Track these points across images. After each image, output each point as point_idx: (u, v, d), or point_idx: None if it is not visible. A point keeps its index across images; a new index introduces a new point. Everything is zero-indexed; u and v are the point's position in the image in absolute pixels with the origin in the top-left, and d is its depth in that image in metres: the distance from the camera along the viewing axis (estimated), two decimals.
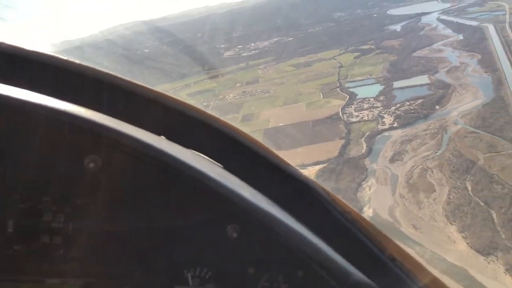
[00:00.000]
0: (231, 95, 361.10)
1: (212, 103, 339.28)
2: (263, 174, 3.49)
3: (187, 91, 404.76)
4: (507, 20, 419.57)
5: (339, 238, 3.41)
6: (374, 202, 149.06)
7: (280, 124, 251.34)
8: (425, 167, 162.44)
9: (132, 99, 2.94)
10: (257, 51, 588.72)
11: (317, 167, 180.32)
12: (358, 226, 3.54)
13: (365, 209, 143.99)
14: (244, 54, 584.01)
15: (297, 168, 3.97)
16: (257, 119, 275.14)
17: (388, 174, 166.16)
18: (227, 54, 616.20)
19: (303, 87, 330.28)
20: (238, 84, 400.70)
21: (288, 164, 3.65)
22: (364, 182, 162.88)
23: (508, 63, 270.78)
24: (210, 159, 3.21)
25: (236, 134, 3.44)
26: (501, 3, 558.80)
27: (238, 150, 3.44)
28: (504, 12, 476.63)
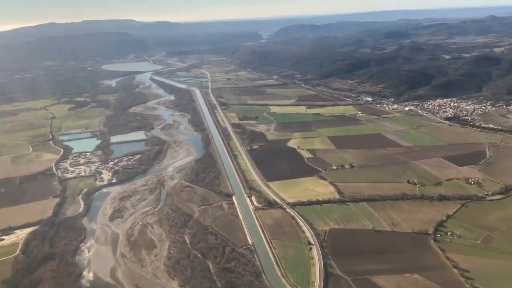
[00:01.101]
0: None
1: None
2: None
3: None
4: (210, 86, 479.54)
5: None
6: (95, 265, 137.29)
7: None
8: (146, 223, 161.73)
9: None
10: None
11: (27, 230, 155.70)
12: None
13: (85, 273, 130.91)
14: None
15: None
16: None
17: (109, 233, 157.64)
18: None
19: (8, 139, 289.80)
20: None
21: None
22: (83, 243, 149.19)
23: (213, 123, 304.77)
24: None
25: None
26: (203, 71, 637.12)
27: None
28: (206, 79, 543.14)
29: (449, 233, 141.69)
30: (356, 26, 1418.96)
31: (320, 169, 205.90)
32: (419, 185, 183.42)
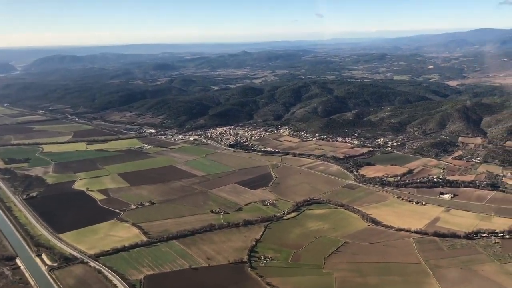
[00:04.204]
0: None
1: None
2: None
3: None
4: None
5: None
6: None
7: None
8: None
9: None
10: None
11: None
12: None
13: None
14: None
15: None
16: None
17: None
18: None
19: None
20: None
21: None
22: None
23: None
24: None
25: None
26: None
27: None
28: None
29: (262, 258, 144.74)
30: (120, 58, 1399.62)
31: (117, 210, 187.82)
32: (222, 213, 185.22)
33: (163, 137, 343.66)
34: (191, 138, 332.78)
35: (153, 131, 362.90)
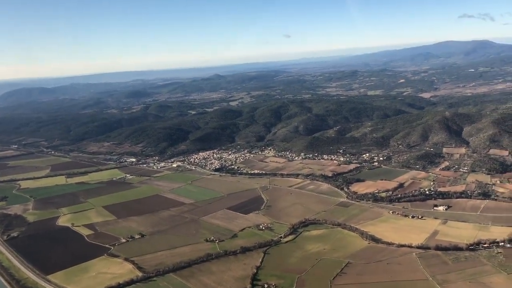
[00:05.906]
0: None
1: None
2: None
3: None
4: None
5: None
6: None
7: None
8: None
9: None
10: None
11: None
12: None
13: None
14: None
15: None
16: None
17: None
18: None
19: None
20: None
21: None
22: None
23: None
24: None
25: None
26: None
27: None
28: None
29: (265, 286, 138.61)
30: (90, 87, 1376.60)
31: (107, 245, 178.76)
32: (217, 241, 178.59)
33: (145, 165, 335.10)
34: (174, 165, 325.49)
35: (134, 160, 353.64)
